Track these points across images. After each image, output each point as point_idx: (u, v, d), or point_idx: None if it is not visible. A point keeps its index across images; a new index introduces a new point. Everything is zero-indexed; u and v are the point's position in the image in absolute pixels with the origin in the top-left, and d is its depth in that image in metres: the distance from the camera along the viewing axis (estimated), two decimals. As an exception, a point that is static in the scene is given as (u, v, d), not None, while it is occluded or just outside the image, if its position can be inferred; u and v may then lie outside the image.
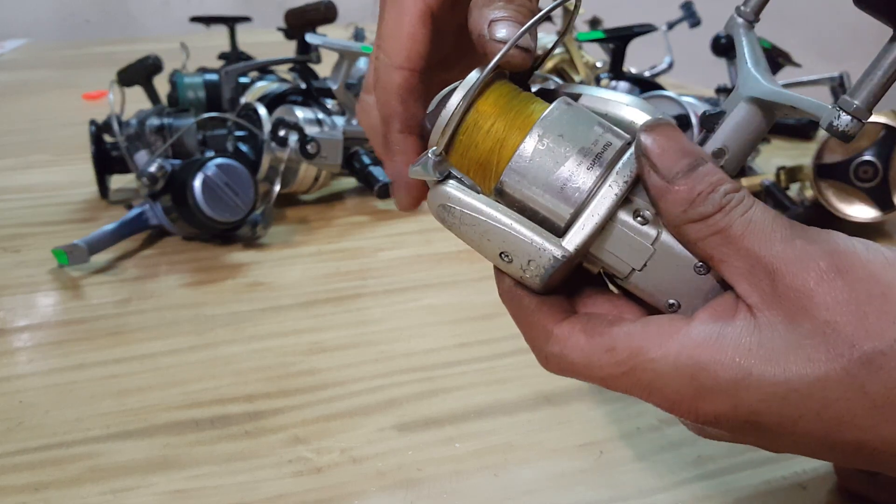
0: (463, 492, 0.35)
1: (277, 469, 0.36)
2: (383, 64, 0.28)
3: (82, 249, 0.56)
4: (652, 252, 0.25)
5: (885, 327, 0.21)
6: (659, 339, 0.23)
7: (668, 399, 0.24)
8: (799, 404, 0.22)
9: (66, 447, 0.38)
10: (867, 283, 0.22)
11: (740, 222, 0.23)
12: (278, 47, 1.00)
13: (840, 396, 0.21)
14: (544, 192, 0.25)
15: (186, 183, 0.57)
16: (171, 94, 0.83)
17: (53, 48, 1.75)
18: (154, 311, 0.52)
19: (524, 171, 0.25)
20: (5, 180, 0.79)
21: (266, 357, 0.46)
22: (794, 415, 0.22)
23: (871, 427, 0.21)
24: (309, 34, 0.69)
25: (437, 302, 0.53)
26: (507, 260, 0.26)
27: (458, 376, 0.44)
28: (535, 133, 0.25)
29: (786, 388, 0.22)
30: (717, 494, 0.35)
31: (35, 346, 0.48)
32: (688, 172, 0.24)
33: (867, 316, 0.21)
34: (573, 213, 0.25)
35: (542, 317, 0.26)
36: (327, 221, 0.67)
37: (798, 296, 0.22)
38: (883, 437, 0.21)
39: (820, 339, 0.22)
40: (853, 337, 0.21)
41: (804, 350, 0.22)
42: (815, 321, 0.22)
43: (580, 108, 0.26)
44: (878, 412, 0.21)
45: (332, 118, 0.69)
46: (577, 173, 0.25)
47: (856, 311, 0.21)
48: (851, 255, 0.22)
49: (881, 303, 0.21)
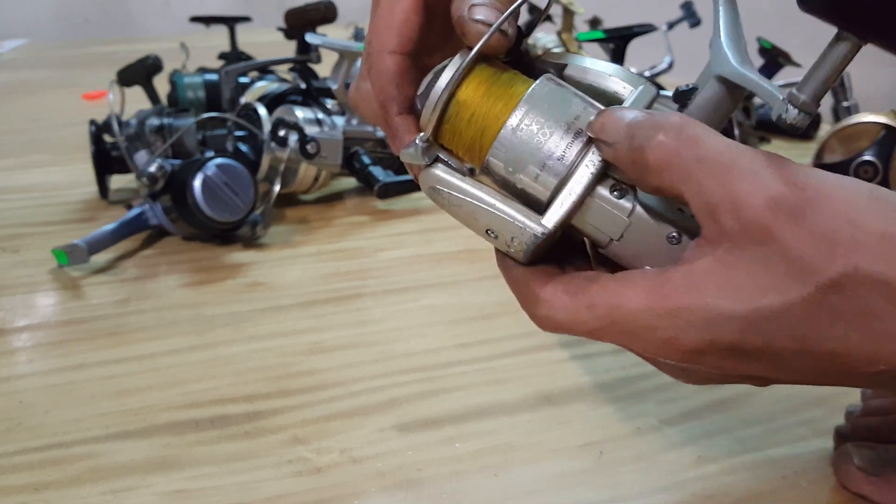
0: (463, 492, 0.35)
1: (277, 469, 0.36)
2: (376, 50, 0.29)
3: (82, 249, 0.56)
4: (628, 224, 0.26)
5: (850, 252, 0.22)
6: (634, 291, 0.25)
7: (650, 345, 0.25)
8: (772, 329, 0.23)
9: (66, 447, 0.38)
10: (829, 212, 0.23)
11: (692, 161, 0.24)
12: (278, 47, 1.00)
13: (809, 317, 0.23)
14: (526, 171, 0.27)
15: (186, 183, 0.57)
16: (170, 94, 0.83)
17: (53, 48, 1.75)
18: (154, 311, 0.52)
19: (507, 150, 0.27)
20: (5, 180, 0.79)
21: (266, 357, 0.46)
22: (769, 338, 0.23)
23: (841, 337, 0.23)
24: (309, 34, 0.69)
25: (437, 302, 0.53)
26: (494, 236, 0.27)
27: (458, 376, 0.44)
28: (517, 114, 0.27)
29: (757, 318, 0.23)
30: (717, 494, 0.35)
31: (35, 347, 0.48)
32: (628, 130, 0.25)
33: (834, 245, 0.22)
34: (553, 190, 0.26)
35: (529, 283, 0.27)
36: (327, 221, 0.67)
37: (762, 230, 0.23)
38: (853, 344, 0.23)
39: (786, 269, 0.23)
40: (819, 264, 0.22)
41: (772, 282, 0.23)
42: (780, 253, 0.23)
43: (561, 86, 0.27)
44: (846, 324, 0.23)
45: (331, 118, 0.69)
46: (557, 150, 0.26)
47: (820, 240, 0.22)
48: (813, 186, 0.23)
49: (846, 230, 0.22)
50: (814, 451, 0.37)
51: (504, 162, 0.27)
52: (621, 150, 0.25)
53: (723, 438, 0.38)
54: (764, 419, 0.40)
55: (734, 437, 0.38)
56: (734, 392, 0.42)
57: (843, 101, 0.72)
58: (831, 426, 0.37)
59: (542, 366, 0.45)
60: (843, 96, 0.71)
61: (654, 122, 0.25)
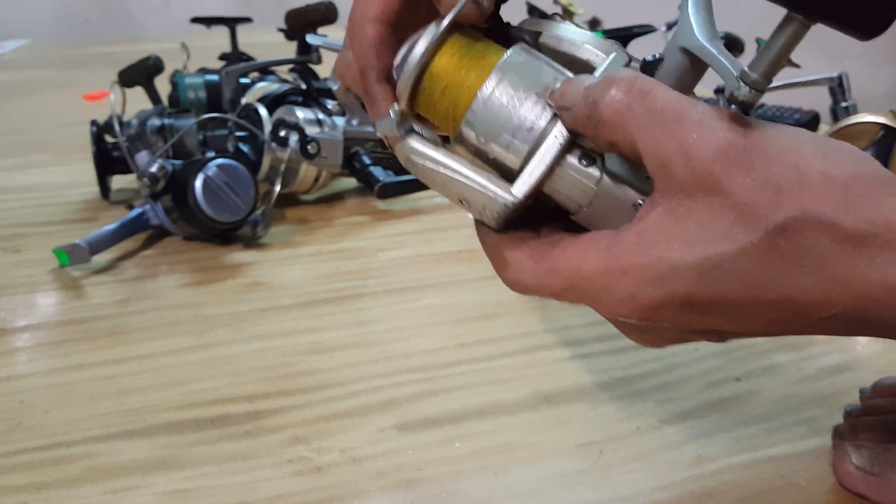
0: (463, 492, 0.35)
1: (277, 469, 0.36)
2: (358, 17, 0.30)
3: (83, 249, 0.56)
4: (595, 192, 0.27)
5: (796, 197, 0.23)
6: (591, 254, 0.25)
7: (609, 305, 0.25)
8: (725, 278, 0.23)
9: (67, 447, 0.38)
10: (775, 158, 0.23)
11: (643, 114, 0.24)
12: (279, 48, 1.00)
13: (760, 263, 0.23)
14: (497, 140, 0.27)
15: (187, 183, 0.57)
16: (171, 95, 0.83)
17: (53, 48, 1.75)
18: (154, 311, 0.52)
19: (479, 120, 0.27)
20: (5, 180, 0.79)
21: (266, 357, 0.46)
22: (722, 287, 0.24)
23: (792, 282, 0.23)
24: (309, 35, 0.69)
25: (437, 302, 0.53)
26: (467, 205, 0.28)
27: (458, 376, 0.44)
28: (488, 84, 0.27)
29: (710, 266, 0.23)
30: (717, 493, 0.35)
31: (35, 347, 0.48)
32: (585, 92, 0.25)
33: (780, 190, 0.23)
34: (524, 160, 0.27)
35: (500, 248, 0.28)
36: (327, 221, 0.67)
37: (711, 179, 0.23)
38: (804, 288, 0.23)
39: (735, 217, 0.23)
40: (767, 211, 0.23)
41: (722, 230, 0.23)
42: (729, 201, 0.23)
43: (533, 56, 0.28)
44: (797, 268, 0.23)
45: (332, 118, 0.69)
46: (527, 120, 0.27)
47: (767, 186, 0.23)
48: (759, 135, 0.24)
49: (792, 175, 0.23)
50: (812, 450, 0.37)
51: (476, 132, 0.27)
52: (578, 111, 0.25)
53: (722, 438, 0.38)
54: (762, 418, 0.40)
55: (733, 436, 0.38)
56: (733, 391, 0.42)
57: (841, 102, 0.72)
58: (830, 425, 0.38)
59: (541, 366, 0.45)
60: (841, 96, 0.72)
61: (607, 79, 0.25)
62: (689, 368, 0.44)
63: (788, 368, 0.44)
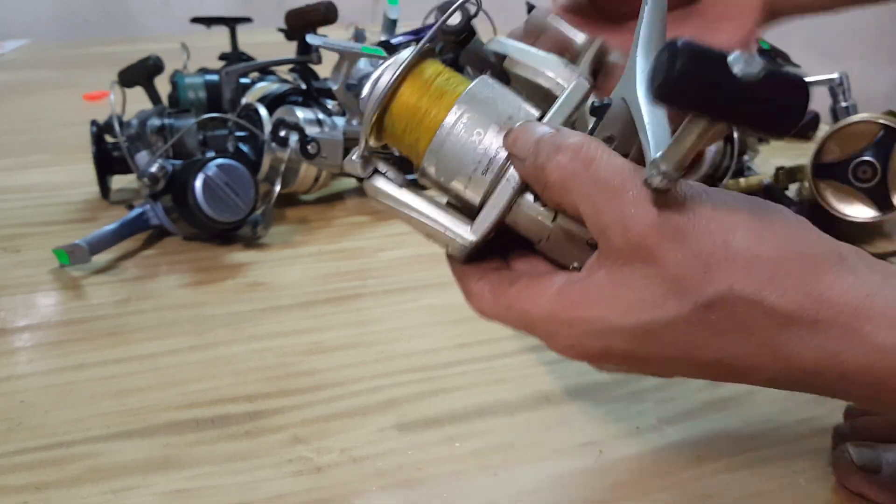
0: (463, 491, 0.35)
1: (277, 469, 0.37)
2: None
3: (84, 249, 0.56)
4: (550, 229, 0.28)
5: (724, 274, 0.24)
6: (540, 300, 0.27)
7: (556, 348, 0.27)
8: (659, 341, 0.25)
9: (67, 447, 0.38)
10: (707, 234, 0.24)
11: (587, 182, 0.26)
12: (279, 48, 1.00)
13: (690, 331, 0.25)
14: (456, 178, 0.28)
15: (187, 183, 0.57)
16: (171, 95, 0.83)
17: (53, 48, 1.75)
18: (154, 311, 0.52)
19: (439, 159, 0.28)
20: (5, 180, 0.79)
21: (266, 357, 0.46)
22: (657, 348, 0.25)
23: (723, 348, 0.25)
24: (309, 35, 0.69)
25: (436, 302, 0.53)
26: (432, 240, 0.30)
27: (458, 376, 0.44)
28: (446, 123, 0.28)
29: (644, 331, 0.25)
30: (716, 494, 0.35)
31: (35, 346, 0.48)
32: (535, 147, 0.27)
33: (709, 267, 0.24)
34: (482, 198, 0.28)
35: (464, 279, 0.30)
36: (327, 222, 0.67)
37: (646, 251, 0.25)
38: (734, 354, 0.25)
39: (667, 288, 0.24)
40: (696, 284, 0.24)
41: (654, 299, 0.25)
42: (662, 273, 0.24)
43: (495, 88, 0.29)
44: (725, 337, 0.25)
45: (332, 118, 0.69)
46: (483, 161, 0.28)
47: (696, 261, 0.24)
48: (695, 209, 0.25)
49: (720, 253, 0.24)
50: (812, 450, 0.37)
51: (437, 170, 0.29)
52: (528, 167, 0.27)
53: (722, 438, 0.38)
54: (763, 418, 0.40)
55: (733, 436, 0.38)
56: (733, 392, 0.42)
57: (841, 102, 0.72)
58: (829, 425, 0.38)
59: (541, 366, 0.45)
60: (841, 96, 0.72)
61: (555, 142, 0.26)
62: (689, 368, 0.44)
63: (788, 368, 0.44)
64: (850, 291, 0.24)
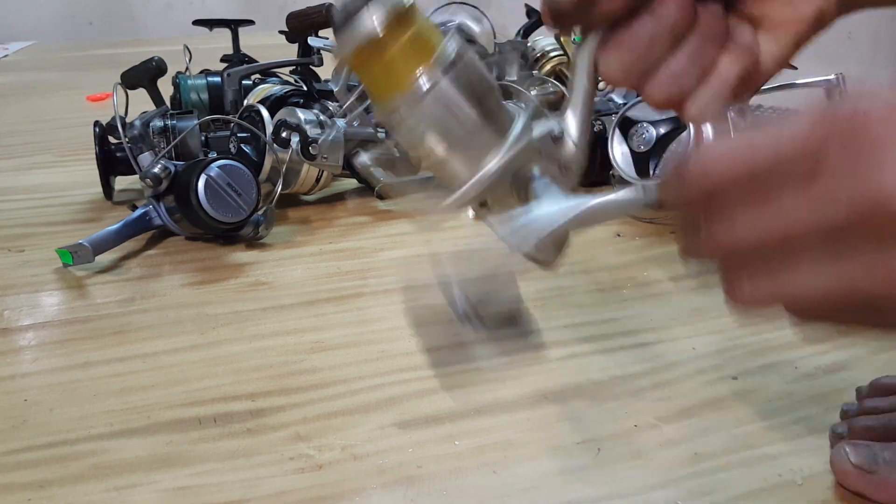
0: (462, 489, 0.35)
1: (279, 466, 0.37)
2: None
3: (87, 249, 0.56)
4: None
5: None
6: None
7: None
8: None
9: (71, 445, 0.38)
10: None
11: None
12: (280, 50, 1.01)
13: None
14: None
15: (190, 184, 0.58)
16: (174, 96, 0.84)
17: (57, 50, 1.75)
18: (157, 310, 0.52)
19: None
20: (10, 181, 0.79)
21: (268, 356, 0.46)
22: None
23: None
24: (311, 37, 0.69)
25: (437, 301, 0.53)
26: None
27: (458, 375, 0.44)
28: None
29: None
30: (714, 492, 0.35)
31: (40, 345, 0.48)
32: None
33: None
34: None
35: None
36: (328, 222, 0.68)
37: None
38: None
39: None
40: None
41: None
42: None
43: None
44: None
45: (333, 120, 0.69)
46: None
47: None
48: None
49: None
50: (809, 448, 0.37)
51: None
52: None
53: (719, 436, 0.39)
54: (760, 417, 0.40)
55: (730, 434, 0.39)
56: (731, 390, 0.42)
57: (841, 103, 0.72)
58: (827, 424, 0.38)
59: (540, 364, 0.45)
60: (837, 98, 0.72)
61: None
62: (686, 367, 0.45)
63: (785, 367, 0.44)
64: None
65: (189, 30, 1.11)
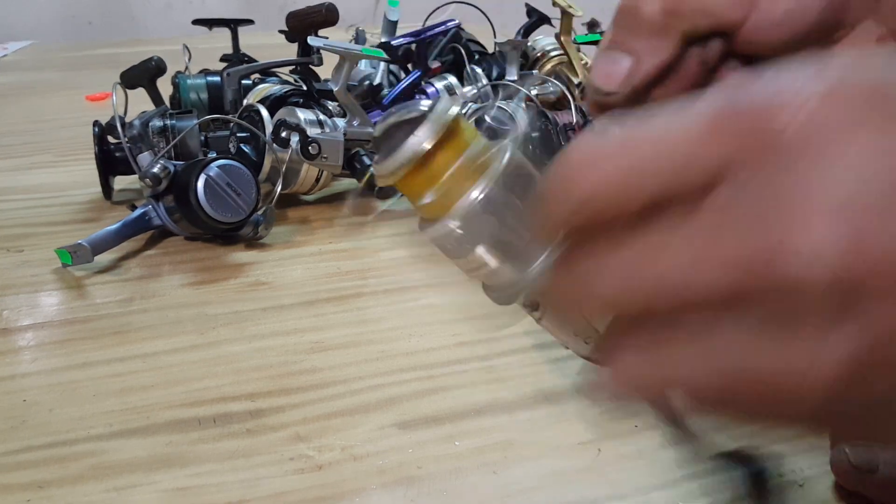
0: (462, 489, 0.35)
1: (279, 466, 0.37)
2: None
3: (86, 249, 0.56)
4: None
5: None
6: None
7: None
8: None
9: (70, 445, 0.38)
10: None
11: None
12: (280, 49, 1.01)
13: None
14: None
15: (189, 183, 0.58)
16: (173, 96, 0.84)
17: (56, 50, 1.75)
18: (157, 310, 0.52)
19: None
20: (9, 181, 0.79)
21: (268, 356, 0.46)
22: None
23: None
24: (310, 37, 0.69)
25: (437, 301, 0.53)
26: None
27: (458, 375, 0.44)
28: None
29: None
30: (714, 492, 0.35)
31: (39, 345, 0.48)
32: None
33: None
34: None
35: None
36: (328, 221, 0.68)
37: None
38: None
39: None
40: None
41: None
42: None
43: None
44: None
45: (333, 120, 0.69)
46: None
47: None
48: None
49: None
50: (810, 449, 0.37)
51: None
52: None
53: (719, 436, 0.39)
54: (761, 417, 0.40)
55: (731, 434, 0.39)
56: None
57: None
58: (828, 424, 0.38)
59: (541, 364, 0.45)
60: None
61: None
62: (687, 367, 0.45)
63: (787, 367, 0.44)
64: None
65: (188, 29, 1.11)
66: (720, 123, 0.16)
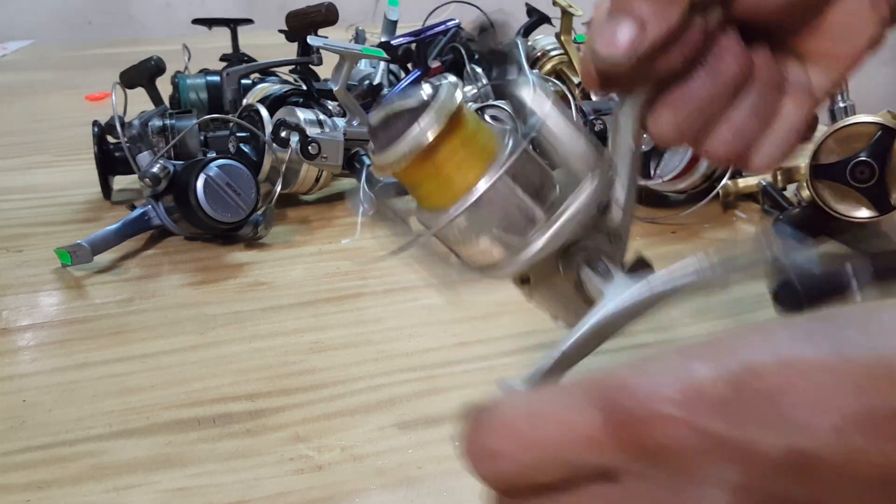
0: (462, 489, 0.35)
1: (278, 467, 0.37)
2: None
3: (86, 249, 0.56)
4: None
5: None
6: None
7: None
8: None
9: (69, 445, 0.38)
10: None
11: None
12: (280, 49, 1.01)
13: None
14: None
15: (189, 183, 0.58)
16: (173, 96, 0.84)
17: (56, 49, 1.75)
18: (156, 310, 0.52)
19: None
20: (9, 181, 0.79)
21: (267, 356, 0.46)
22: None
23: None
24: (310, 36, 0.69)
25: (436, 301, 0.53)
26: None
27: (458, 375, 0.44)
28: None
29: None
30: None
31: (38, 346, 0.48)
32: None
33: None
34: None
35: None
36: (328, 221, 0.68)
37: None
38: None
39: None
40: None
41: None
42: None
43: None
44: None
45: (332, 119, 0.69)
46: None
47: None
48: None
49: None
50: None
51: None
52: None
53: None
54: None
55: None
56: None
57: (839, 102, 0.72)
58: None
59: (541, 365, 0.45)
60: (839, 97, 0.72)
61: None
62: (687, 367, 0.45)
63: (786, 367, 0.44)
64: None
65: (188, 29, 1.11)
66: (608, 429, 0.18)
